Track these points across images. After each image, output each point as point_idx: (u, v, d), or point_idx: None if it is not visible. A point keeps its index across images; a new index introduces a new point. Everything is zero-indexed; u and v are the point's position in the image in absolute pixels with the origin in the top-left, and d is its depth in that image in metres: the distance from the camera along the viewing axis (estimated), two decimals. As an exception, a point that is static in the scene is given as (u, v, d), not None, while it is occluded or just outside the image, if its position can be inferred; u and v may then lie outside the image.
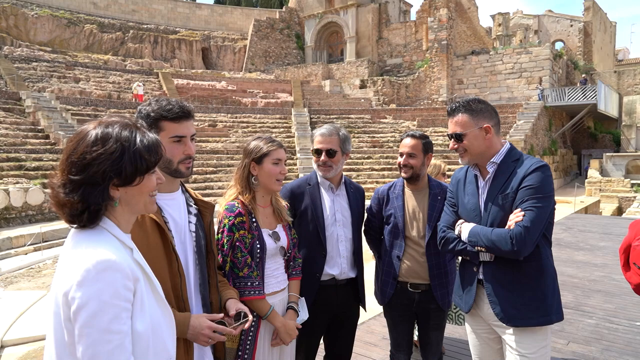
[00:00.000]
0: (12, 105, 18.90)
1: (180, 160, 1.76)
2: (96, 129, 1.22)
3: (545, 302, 1.98)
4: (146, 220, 1.64)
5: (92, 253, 1.14)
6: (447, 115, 2.18)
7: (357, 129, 24.46)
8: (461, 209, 2.20)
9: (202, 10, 41.07)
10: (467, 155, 2.11)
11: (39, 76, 23.77)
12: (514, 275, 2.00)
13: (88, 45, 33.39)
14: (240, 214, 2.09)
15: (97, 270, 1.11)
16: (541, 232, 1.94)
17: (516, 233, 1.89)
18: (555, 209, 2.07)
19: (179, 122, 1.76)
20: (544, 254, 2.02)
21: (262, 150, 2.18)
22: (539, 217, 1.90)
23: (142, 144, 1.24)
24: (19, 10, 31.73)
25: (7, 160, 14.85)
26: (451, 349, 3.79)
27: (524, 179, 1.96)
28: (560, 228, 10.27)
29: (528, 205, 1.92)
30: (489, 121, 2.09)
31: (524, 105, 24.27)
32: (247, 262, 2.06)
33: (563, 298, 5.14)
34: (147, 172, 1.27)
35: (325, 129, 2.54)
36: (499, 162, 2.08)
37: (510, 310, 1.98)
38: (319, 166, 2.51)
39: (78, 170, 1.17)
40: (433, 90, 29.16)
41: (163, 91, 26.47)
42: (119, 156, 1.19)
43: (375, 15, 33.66)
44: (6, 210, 12.80)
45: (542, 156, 22.44)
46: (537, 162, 2.01)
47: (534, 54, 27.02)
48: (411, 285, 2.62)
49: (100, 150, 1.18)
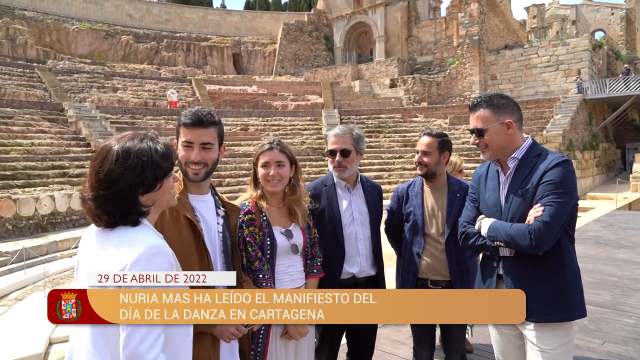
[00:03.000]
0: (56, 115, 19.87)
1: (185, 163, 1.87)
2: (116, 145, 1.36)
3: (567, 297, 1.95)
4: (181, 217, 1.76)
5: (143, 239, 1.27)
6: (469, 111, 2.18)
7: (388, 129, 24.30)
8: (482, 205, 2.19)
9: (232, 16, 41.89)
10: (488, 150, 2.10)
11: (80, 87, 24.89)
12: (534, 270, 1.98)
13: (125, 56, 34.70)
14: (249, 212, 2.18)
15: (150, 252, 1.24)
16: (561, 227, 1.91)
17: (535, 228, 1.87)
18: (577, 205, 2.03)
19: (190, 128, 1.85)
20: (565, 250, 1.99)
21: (256, 154, 2.28)
22: (558, 212, 1.87)
23: (157, 155, 1.38)
24: (61, 25, 33.36)
25: (52, 168, 15.64)
26: (479, 347, 3.75)
27: (545, 174, 1.94)
28: (601, 225, 9.87)
29: (548, 200, 1.90)
30: (510, 116, 2.07)
31: (561, 99, 23.42)
32: (258, 256, 2.14)
33: (600, 297, 4.98)
34: (166, 177, 1.41)
35: (339, 129, 2.58)
36: (520, 157, 2.06)
37: (530, 306, 1.95)
38: (334, 167, 2.55)
39: (106, 186, 1.31)
40: (465, 87, 28.59)
41: (196, 97, 27.18)
42: (141, 170, 1.33)
43: (405, 14, 33.36)
44: (52, 216, 13.49)
45: (582, 151, 21.59)
46: (559, 157, 1.98)
47: (571, 46, 26.04)
48: (431, 282, 2.64)
49: (123, 167, 1.32)
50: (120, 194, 1.30)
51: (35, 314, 6.52)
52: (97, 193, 1.31)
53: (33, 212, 12.97)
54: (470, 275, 2.61)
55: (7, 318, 6.62)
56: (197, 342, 1.70)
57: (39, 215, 13.20)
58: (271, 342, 2.16)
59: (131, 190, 1.32)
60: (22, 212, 12.72)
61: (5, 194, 12.91)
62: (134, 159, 1.33)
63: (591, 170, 22.11)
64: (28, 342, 5.56)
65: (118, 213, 1.31)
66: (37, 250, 10.78)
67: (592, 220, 10.62)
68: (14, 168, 14.72)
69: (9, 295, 8.44)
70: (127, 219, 1.33)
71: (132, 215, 1.33)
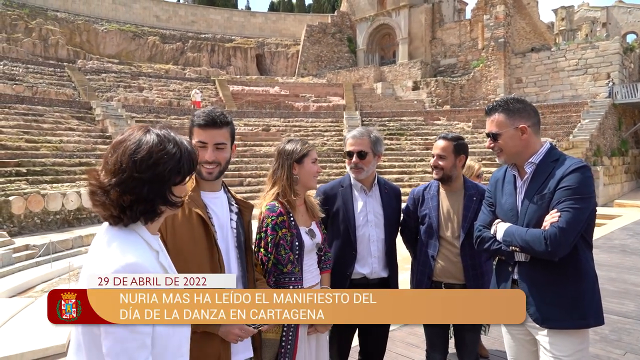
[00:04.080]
0: (84, 114, 20.43)
1: (200, 163, 1.88)
2: (149, 133, 1.30)
3: (582, 304, 1.92)
4: (193, 215, 1.79)
5: (120, 256, 1.21)
6: (485, 115, 2.18)
7: (410, 131, 24.12)
8: (498, 209, 2.18)
9: (256, 18, 42.30)
10: (503, 155, 2.10)
11: (108, 86, 25.53)
12: (549, 276, 1.96)
13: (151, 56, 35.43)
14: (281, 214, 2.20)
15: (125, 272, 1.19)
16: (578, 234, 1.89)
17: (551, 234, 1.85)
18: (596, 211, 2.00)
19: (204, 129, 1.88)
20: (582, 256, 1.96)
21: (302, 151, 2.28)
22: (575, 218, 1.85)
23: (190, 147, 1.37)
24: (91, 26, 34.30)
25: (79, 165, 16.08)
26: (495, 353, 3.69)
27: (562, 179, 1.92)
28: (627, 233, 9.58)
29: (565, 206, 1.88)
30: (526, 121, 2.06)
31: (589, 103, 22.81)
32: (290, 259, 2.17)
33: (624, 307, 4.84)
34: (191, 173, 1.38)
35: (357, 131, 2.60)
36: (537, 162, 2.04)
37: (544, 312, 1.94)
38: (350, 168, 2.58)
39: (142, 169, 1.23)
40: (489, 90, 28.15)
41: (219, 98, 27.54)
42: (180, 157, 1.30)
43: (429, 16, 33.07)
44: (78, 211, 13.88)
45: (611, 157, 20.98)
46: (577, 163, 1.95)
47: (601, 49, 25.35)
48: (445, 285, 2.63)
49: (164, 151, 1.27)
50: (158, 179, 1.25)
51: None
52: (128, 176, 1.22)
53: (60, 207, 13.37)
54: (485, 279, 2.59)
55: (33, 309, 6.85)
56: (206, 339, 1.73)
57: (66, 211, 13.60)
58: (300, 338, 2.20)
59: (169, 177, 1.27)
60: (49, 207, 13.13)
61: (34, 189, 13.34)
62: (173, 145, 1.30)
63: (620, 177, 21.46)
64: (52, 333, 5.74)
65: (140, 206, 1.25)
66: (63, 245, 11.11)
67: (619, 228, 10.32)
68: (44, 164, 15.19)
69: (36, 287, 8.73)
70: (146, 212, 1.27)
71: (154, 210, 1.28)
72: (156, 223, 1.37)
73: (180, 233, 1.69)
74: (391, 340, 3.77)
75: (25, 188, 13.28)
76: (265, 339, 2.09)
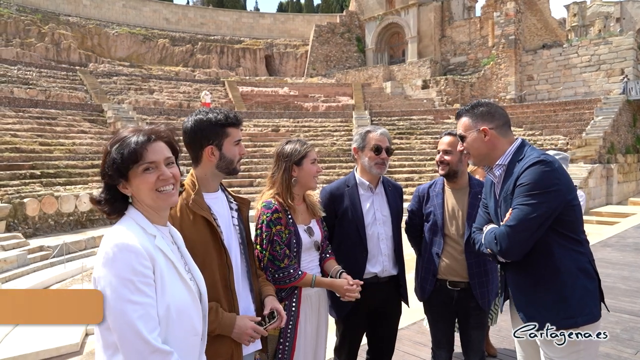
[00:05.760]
0: (96, 116, 20.70)
1: (238, 160, 1.98)
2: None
3: (565, 303, 1.86)
4: (198, 217, 1.82)
5: (111, 238, 1.34)
6: (455, 119, 2.28)
7: (419, 130, 24.00)
8: (489, 212, 2.21)
9: (265, 19, 42.43)
10: (470, 157, 2.16)
11: (119, 89, 25.82)
12: (528, 277, 1.94)
13: (161, 59, 35.75)
14: (276, 211, 2.22)
15: (114, 251, 1.30)
16: (536, 230, 1.82)
17: (499, 233, 1.87)
18: (575, 205, 1.90)
19: (238, 127, 1.98)
20: (557, 254, 1.88)
21: (301, 153, 2.30)
22: (526, 215, 1.81)
23: (120, 145, 1.41)
24: (102, 30, 34.72)
25: (91, 167, 16.30)
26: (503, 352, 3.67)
27: (519, 177, 1.90)
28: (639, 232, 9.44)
29: (516, 203, 1.87)
30: (488, 123, 2.08)
31: (602, 99, 22.47)
32: (287, 254, 2.20)
33: (636, 306, 4.77)
34: (129, 169, 1.40)
35: (383, 129, 2.65)
36: (507, 163, 2.03)
37: (530, 314, 1.92)
38: (376, 163, 2.56)
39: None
40: (500, 88, 27.89)
41: (229, 99, 27.68)
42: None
43: (438, 14, 32.88)
44: (91, 213, 14.06)
45: (625, 154, 20.64)
46: (534, 158, 1.90)
47: (614, 44, 24.96)
48: (450, 283, 2.62)
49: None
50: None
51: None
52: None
53: (73, 208, 13.56)
54: (489, 277, 2.59)
55: (47, 309, 6.96)
56: (218, 339, 1.76)
57: (79, 212, 13.79)
58: (299, 335, 2.22)
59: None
60: (63, 208, 13.32)
61: (48, 191, 13.55)
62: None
63: (634, 174, 21.10)
64: (66, 333, 5.83)
65: (106, 200, 1.43)
66: (77, 246, 11.27)
67: (633, 226, 10.18)
68: (57, 167, 15.42)
69: (50, 287, 8.86)
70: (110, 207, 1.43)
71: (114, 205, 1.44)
72: (153, 215, 1.47)
73: (191, 240, 1.71)
74: (399, 339, 3.76)
75: (40, 190, 13.49)
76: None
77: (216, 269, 1.81)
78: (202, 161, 1.93)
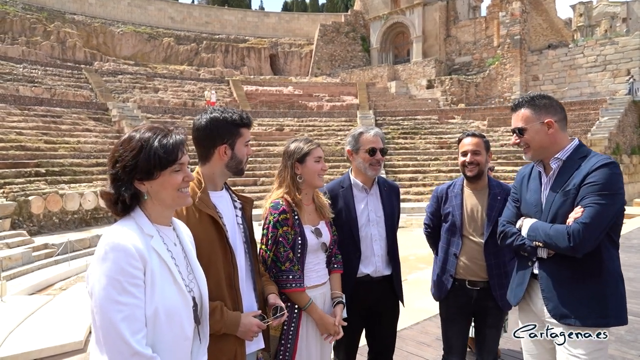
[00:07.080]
0: (101, 115, 20.77)
1: (246, 160, 1.99)
2: (129, 133, 1.44)
3: (603, 302, 1.89)
4: (204, 216, 1.82)
5: (106, 237, 1.34)
6: (511, 111, 2.19)
7: (424, 130, 23.95)
8: (523, 205, 2.18)
9: (270, 18, 42.46)
10: (530, 150, 2.10)
11: (124, 88, 25.91)
12: (571, 272, 1.94)
13: (166, 57, 35.85)
14: (284, 212, 2.21)
15: (105, 250, 1.30)
16: (603, 230, 1.86)
17: (574, 229, 1.84)
18: (624, 210, 1.96)
19: (249, 129, 2.01)
20: (605, 255, 1.92)
21: (303, 150, 2.30)
22: (599, 214, 1.82)
23: (159, 144, 1.40)
24: (107, 28, 34.85)
25: (96, 165, 16.36)
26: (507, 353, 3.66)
27: (588, 175, 1.90)
28: (648, 233, 9.38)
29: (589, 201, 1.86)
30: (552, 116, 2.05)
31: (608, 100, 22.35)
32: (289, 257, 2.18)
33: (641, 308, 4.74)
34: (165, 169, 1.40)
35: (374, 129, 2.61)
36: (564, 158, 2.03)
37: (564, 308, 1.92)
38: (370, 165, 2.54)
39: (110, 166, 1.41)
40: (505, 88, 27.79)
41: (233, 98, 27.72)
42: (137, 153, 1.38)
43: (443, 13, 32.80)
44: (95, 211, 14.12)
45: (631, 155, 20.53)
46: (604, 159, 1.92)
47: (620, 45, 24.82)
48: (469, 283, 2.62)
49: (123, 148, 1.39)
50: (118, 175, 1.38)
51: (78, 304, 6.86)
52: (109, 175, 1.41)
53: (78, 206, 13.62)
54: (509, 279, 2.57)
55: (52, 306, 6.99)
56: (222, 337, 1.76)
57: (83, 210, 13.85)
58: (301, 337, 2.21)
59: (125, 172, 1.37)
60: (67, 206, 13.38)
61: (53, 189, 13.62)
62: (135, 143, 1.39)
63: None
64: (70, 330, 5.85)
65: (113, 197, 1.38)
66: (81, 244, 11.32)
67: (638, 227, 10.13)
68: (62, 165, 15.49)
69: (54, 285, 8.91)
70: (122, 205, 1.39)
71: (124, 202, 1.39)
72: (159, 215, 1.45)
73: (197, 238, 1.71)
74: (402, 339, 3.77)
75: (44, 188, 13.56)
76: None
77: (221, 268, 1.81)
78: (212, 159, 1.92)
